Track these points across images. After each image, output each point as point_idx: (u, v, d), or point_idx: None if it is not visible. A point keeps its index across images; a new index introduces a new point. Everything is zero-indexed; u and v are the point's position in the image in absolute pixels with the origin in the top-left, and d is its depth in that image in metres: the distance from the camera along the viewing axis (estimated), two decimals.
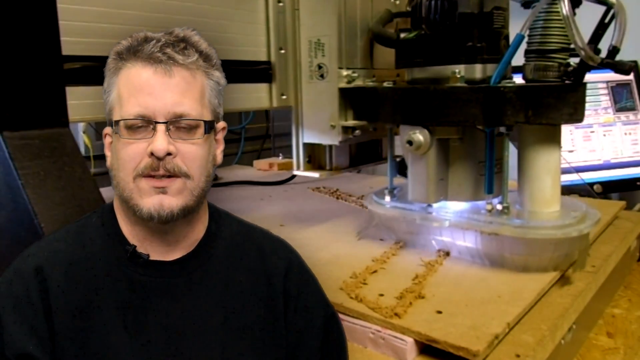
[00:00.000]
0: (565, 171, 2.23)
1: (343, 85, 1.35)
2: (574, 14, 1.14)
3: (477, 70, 1.23)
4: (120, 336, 0.74)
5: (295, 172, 1.53)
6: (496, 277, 1.19)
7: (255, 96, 1.42)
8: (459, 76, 1.21)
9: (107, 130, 0.79)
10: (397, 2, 1.51)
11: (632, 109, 2.38)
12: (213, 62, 0.79)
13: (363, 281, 1.17)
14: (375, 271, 1.23)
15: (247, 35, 1.39)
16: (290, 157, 1.97)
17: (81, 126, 2.36)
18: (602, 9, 1.27)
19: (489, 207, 1.26)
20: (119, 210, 0.81)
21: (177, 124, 0.73)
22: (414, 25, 1.30)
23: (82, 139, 2.38)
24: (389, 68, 1.44)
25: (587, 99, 1.94)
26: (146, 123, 0.72)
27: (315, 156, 1.50)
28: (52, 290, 0.74)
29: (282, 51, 1.46)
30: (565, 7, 1.10)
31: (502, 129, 1.20)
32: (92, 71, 0.97)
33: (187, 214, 0.76)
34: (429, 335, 0.94)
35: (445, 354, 0.93)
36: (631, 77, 2.39)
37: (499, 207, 1.24)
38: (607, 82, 2.37)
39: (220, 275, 0.81)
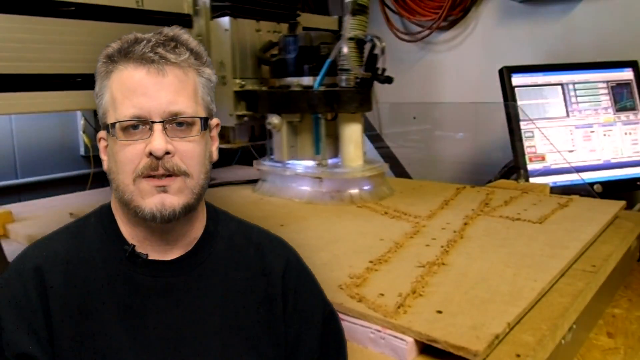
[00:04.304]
0: (565, 171, 2.23)
1: (236, 89, 2.10)
2: (363, 48, 1.92)
3: (310, 81, 1.96)
4: (120, 336, 0.74)
5: None
6: (496, 277, 1.19)
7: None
8: (297, 84, 1.98)
9: (102, 134, 0.78)
10: (281, 34, 2.22)
11: (632, 108, 2.38)
12: (203, 59, 0.79)
13: (363, 281, 1.17)
14: (375, 271, 1.23)
15: None
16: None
17: (81, 126, 2.36)
18: None
19: (317, 162, 2.00)
20: (117, 211, 0.80)
21: (173, 123, 0.73)
22: (279, 52, 2.09)
23: (82, 139, 2.38)
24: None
25: (587, 98, 2.14)
26: (142, 123, 0.72)
27: (225, 134, 2.22)
28: (50, 290, 0.74)
29: None
30: (345, 48, 1.87)
31: (320, 115, 1.96)
32: None
33: (188, 212, 0.76)
34: (429, 335, 0.94)
35: (446, 354, 0.93)
36: (631, 76, 2.39)
37: (323, 162, 1.99)
38: (607, 82, 2.37)
39: (219, 274, 0.81)
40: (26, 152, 2.25)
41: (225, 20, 2.07)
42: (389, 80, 1.87)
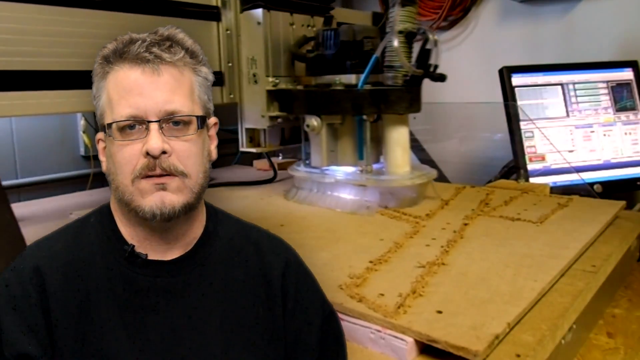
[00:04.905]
0: (565, 171, 2.23)
1: (269, 87, 1.92)
2: (412, 42, 1.73)
3: (352, 79, 1.78)
4: (119, 336, 0.74)
5: (241, 149, 2.10)
6: (496, 277, 1.19)
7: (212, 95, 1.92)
8: (339, 82, 1.79)
9: (100, 135, 0.79)
10: (314, 29, 2.07)
11: (632, 108, 2.38)
12: (199, 58, 0.79)
13: (363, 281, 1.17)
14: (375, 271, 1.23)
15: (205, 53, 1.86)
16: (290, 157, 2.25)
17: (81, 126, 2.36)
18: None
19: (361, 168, 1.84)
20: (116, 211, 0.80)
21: (169, 122, 0.73)
22: (316, 47, 1.91)
23: (82, 139, 2.38)
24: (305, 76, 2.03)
25: (587, 98, 2.15)
26: (139, 123, 0.72)
27: (255, 137, 2.09)
28: (50, 290, 0.74)
29: (230, 64, 2.02)
30: (395, 42, 1.68)
31: (365, 117, 1.79)
32: None
33: (188, 210, 0.76)
34: (429, 335, 0.94)
35: (446, 354, 0.92)
36: (631, 76, 2.39)
37: (368, 168, 1.81)
38: (607, 81, 2.37)
39: (218, 274, 0.81)
40: (26, 152, 2.25)
41: (258, 12, 1.91)
42: (442, 78, 1.69)
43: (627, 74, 2.39)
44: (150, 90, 0.72)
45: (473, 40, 2.93)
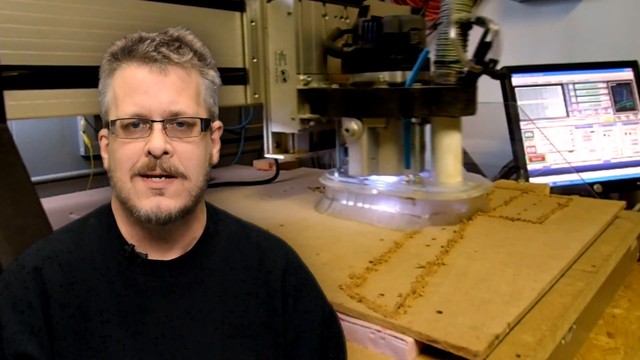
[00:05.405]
0: (565, 171, 2.23)
1: (300, 86, 1.69)
2: (467, 34, 1.54)
3: (398, 76, 1.58)
4: (119, 336, 0.74)
5: (266, 155, 1.89)
6: (496, 277, 1.19)
7: (234, 95, 1.78)
8: (382, 80, 1.58)
9: (103, 132, 0.79)
10: (348, 21, 1.87)
11: (632, 108, 2.38)
12: (207, 61, 0.79)
13: (363, 281, 1.17)
14: (375, 271, 1.23)
15: (227, 48, 1.76)
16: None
17: (81, 126, 2.36)
18: None
19: (407, 178, 1.62)
20: (117, 210, 0.81)
21: (173, 123, 0.73)
22: (354, 41, 1.69)
23: (82, 139, 2.38)
24: (340, 73, 1.81)
25: (587, 98, 2.13)
26: (142, 122, 0.72)
27: (281, 142, 1.84)
28: (50, 290, 0.74)
29: (255, 60, 1.81)
30: (452, 32, 1.47)
31: (414, 120, 1.59)
32: (28, 78, 1.27)
33: (185, 214, 0.76)
34: (429, 335, 0.94)
35: (446, 354, 0.93)
36: (631, 76, 2.39)
37: (417, 178, 1.61)
38: (607, 82, 2.37)
39: (218, 275, 0.81)
40: (26, 152, 2.23)
41: (289, 2, 1.70)
42: (504, 75, 1.52)
43: (627, 74, 2.39)
44: (156, 90, 0.73)
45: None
